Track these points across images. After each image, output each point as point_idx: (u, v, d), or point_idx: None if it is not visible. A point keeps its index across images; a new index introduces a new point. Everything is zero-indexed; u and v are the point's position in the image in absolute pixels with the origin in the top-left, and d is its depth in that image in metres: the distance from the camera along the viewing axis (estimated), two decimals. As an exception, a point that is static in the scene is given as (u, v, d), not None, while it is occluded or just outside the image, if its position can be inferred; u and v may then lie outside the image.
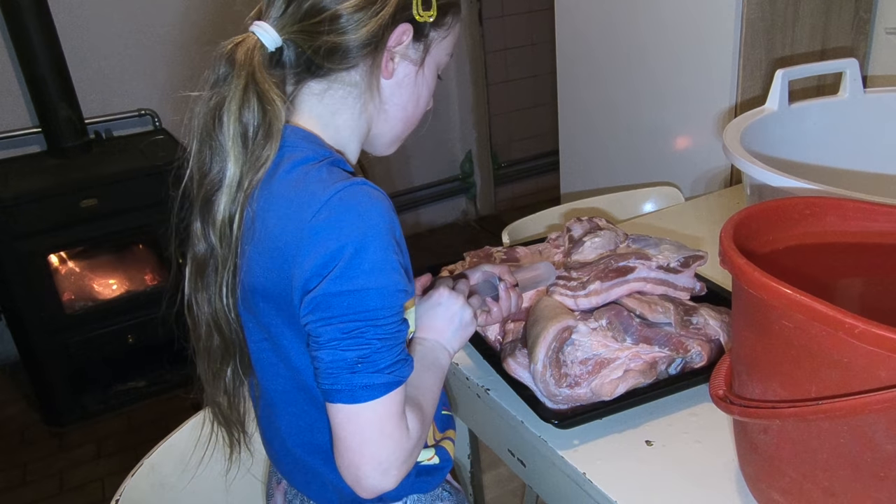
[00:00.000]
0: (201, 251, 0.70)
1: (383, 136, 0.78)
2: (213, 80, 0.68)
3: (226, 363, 0.75)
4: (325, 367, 0.63)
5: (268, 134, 0.67)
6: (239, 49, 0.67)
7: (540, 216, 1.48)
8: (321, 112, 0.72)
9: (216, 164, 0.68)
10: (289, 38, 0.69)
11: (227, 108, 0.66)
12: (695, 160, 1.63)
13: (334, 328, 0.62)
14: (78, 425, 2.30)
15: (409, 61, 0.73)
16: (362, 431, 0.63)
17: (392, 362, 0.64)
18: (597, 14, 1.77)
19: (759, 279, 0.56)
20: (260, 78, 0.66)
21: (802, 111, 1.16)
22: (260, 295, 0.69)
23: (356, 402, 0.63)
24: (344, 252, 0.62)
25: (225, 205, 0.67)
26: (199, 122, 0.69)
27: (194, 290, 0.73)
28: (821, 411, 0.54)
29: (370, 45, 0.69)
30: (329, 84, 0.71)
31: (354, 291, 0.62)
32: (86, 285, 2.34)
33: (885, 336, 0.49)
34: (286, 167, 0.68)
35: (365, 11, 0.67)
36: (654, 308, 0.90)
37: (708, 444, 0.79)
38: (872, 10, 1.64)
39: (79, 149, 2.28)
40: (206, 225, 0.69)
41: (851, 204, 0.71)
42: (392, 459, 0.64)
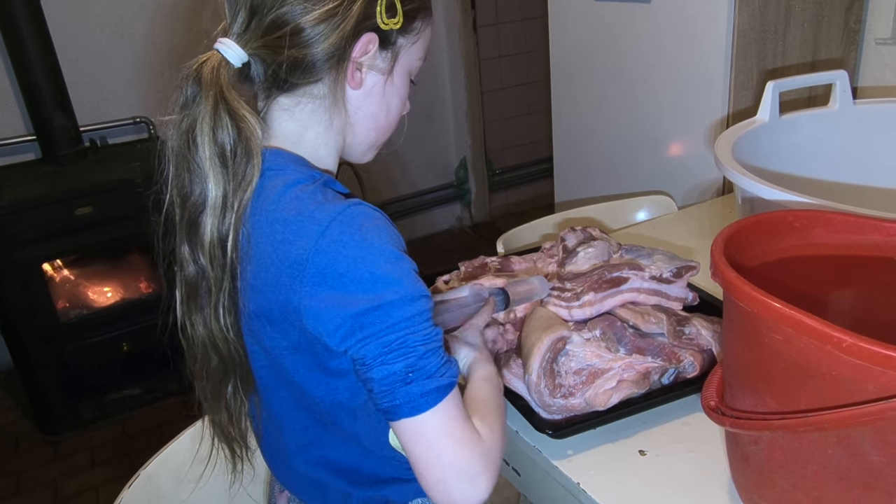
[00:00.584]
0: (191, 273, 0.69)
1: (357, 145, 0.77)
2: (182, 101, 0.68)
3: (226, 382, 0.74)
4: (379, 387, 0.62)
5: (247, 151, 0.66)
6: (204, 68, 0.67)
7: (534, 225, 1.49)
8: (293, 128, 0.72)
9: (196, 187, 0.67)
10: (254, 53, 0.68)
11: (199, 129, 0.65)
12: (688, 169, 1.65)
13: (375, 345, 0.62)
14: (72, 433, 2.29)
15: (376, 71, 0.72)
16: (435, 442, 0.63)
17: (440, 365, 0.64)
18: (590, 23, 1.79)
19: (749, 293, 0.57)
20: (229, 96, 0.66)
21: (793, 122, 1.17)
22: (260, 317, 0.69)
23: (419, 412, 0.62)
24: (356, 273, 0.62)
25: (211, 226, 0.66)
26: (174, 146, 0.68)
27: (187, 313, 0.72)
28: (810, 423, 0.55)
29: (334, 58, 0.68)
30: (298, 98, 0.71)
31: (380, 306, 0.62)
32: (80, 293, 2.34)
33: (872, 350, 0.50)
34: (278, 190, 0.67)
35: (327, 23, 0.66)
36: (647, 318, 0.91)
37: (700, 455, 0.80)
38: (862, 22, 1.66)
39: (73, 156, 2.28)
40: (193, 248, 0.68)
41: (840, 217, 0.72)
42: (474, 465, 0.63)
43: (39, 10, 2.13)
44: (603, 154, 1.89)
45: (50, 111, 2.20)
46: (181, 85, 0.68)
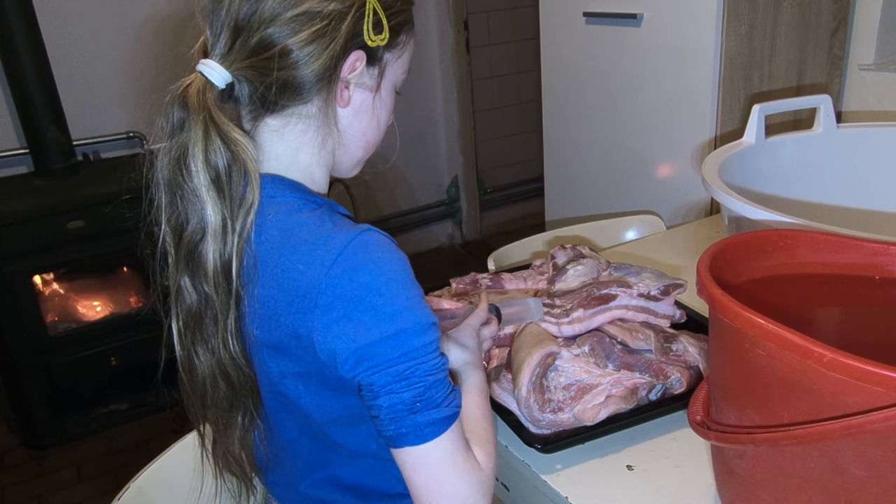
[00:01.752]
0: (193, 303, 0.68)
1: (346, 162, 0.76)
2: (170, 128, 0.66)
3: (236, 410, 0.72)
4: (385, 414, 0.63)
5: (243, 173, 0.65)
6: (190, 91, 0.65)
7: (525, 243, 1.50)
8: (284, 150, 0.71)
9: (193, 215, 0.65)
10: (239, 73, 0.66)
11: (191, 155, 0.64)
12: (676, 190, 1.67)
13: (384, 374, 0.62)
14: (58, 448, 2.27)
15: (364, 87, 0.71)
16: (438, 471, 0.63)
17: (446, 395, 0.64)
18: (581, 45, 1.82)
19: (734, 309, 0.59)
20: (218, 119, 0.64)
21: (778, 145, 1.19)
22: (267, 345, 0.68)
23: (424, 442, 0.62)
24: (370, 301, 0.61)
25: (214, 252, 0.65)
26: (166, 174, 0.66)
27: (192, 344, 0.70)
28: (792, 437, 0.56)
29: (324, 78, 0.67)
30: (286, 119, 0.69)
31: (393, 335, 0.62)
32: (70, 307, 2.33)
33: (851, 365, 0.51)
34: (282, 218, 0.66)
35: (316, 44, 0.65)
36: (635, 335, 0.93)
37: (687, 469, 0.81)
38: (846, 48, 1.70)
39: (66, 170, 2.28)
40: (195, 277, 0.67)
41: (822, 237, 0.73)
42: (474, 494, 0.64)
43: (35, 23, 2.14)
44: (593, 174, 1.92)
45: (43, 125, 2.21)
46: (166, 111, 0.66)
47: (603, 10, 1.72)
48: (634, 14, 1.63)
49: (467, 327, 0.82)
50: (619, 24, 1.69)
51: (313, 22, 0.65)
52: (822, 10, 1.60)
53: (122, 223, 2.21)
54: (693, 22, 1.51)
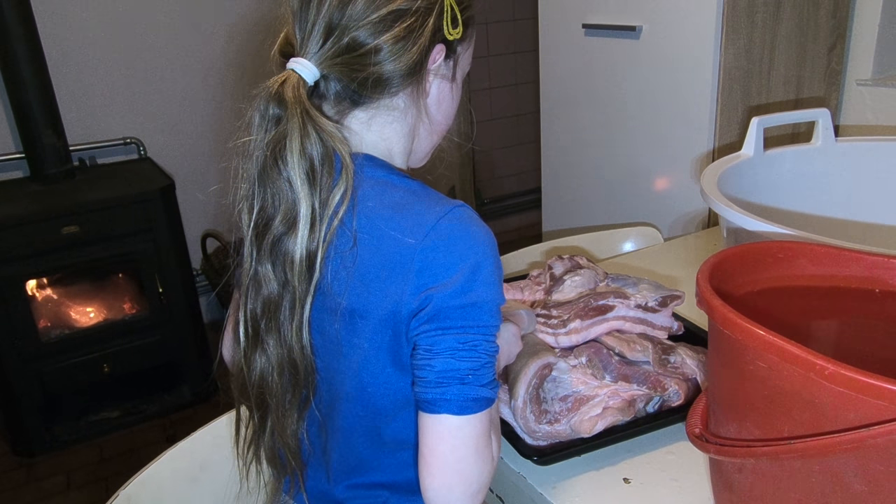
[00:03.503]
0: (273, 293, 0.69)
1: (422, 150, 0.81)
2: (266, 123, 0.68)
3: (295, 400, 0.73)
4: (436, 377, 0.64)
5: (333, 165, 0.68)
6: (286, 87, 0.68)
7: (522, 253, 1.50)
8: (372, 140, 0.74)
9: (282, 205, 0.67)
10: (329, 71, 0.70)
11: (289, 146, 0.66)
12: (674, 202, 1.67)
13: (452, 338, 0.64)
14: (47, 456, 2.25)
15: (442, 78, 0.76)
16: (462, 447, 0.64)
17: (492, 378, 0.66)
18: (580, 56, 1.82)
19: (734, 320, 0.58)
20: (314, 113, 0.68)
21: (777, 158, 1.19)
22: (361, 317, 0.68)
23: (463, 414, 0.64)
24: (460, 269, 0.64)
25: (302, 241, 0.66)
26: (257, 165, 0.68)
27: (264, 333, 0.70)
28: (793, 451, 0.56)
29: (412, 71, 0.71)
30: (373, 112, 0.73)
31: (472, 304, 0.64)
32: (63, 313, 2.32)
33: (854, 378, 0.51)
34: (377, 190, 0.69)
35: (405, 41, 0.69)
36: (632, 346, 0.92)
37: (684, 483, 0.80)
38: (844, 63, 1.70)
39: (62, 175, 2.28)
40: (278, 266, 0.68)
41: (822, 249, 0.73)
42: (481, 482, 0.65)
43: (34, 28, 2.14)
44: (590, 185, 1.91)
45: (40, 130, 2.21)
46: (259, 105, 0.68)
47: (602, 22, 1.73)
48: (634, 26, 1.63)
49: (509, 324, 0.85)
50: (619, 36, 1.69)
51: (403, 19, 0.69)
52: (820, 25, 1.61)
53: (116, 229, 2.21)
54: (692, 35, 1.51)
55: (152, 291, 2.33)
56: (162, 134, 2.64)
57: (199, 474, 0.96)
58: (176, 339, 2.38)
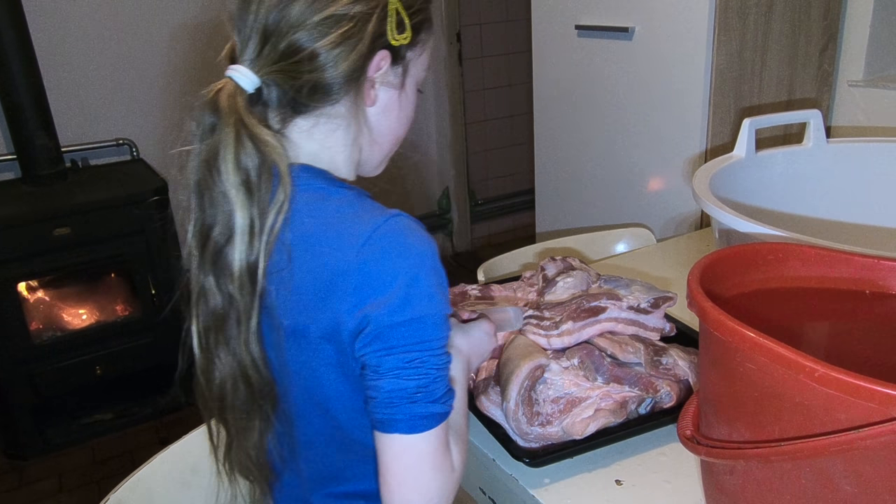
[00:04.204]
0: (218, 305, 0.68)
1: (373, 160, 0.78)
2: (201, 131, 0.67)
3: (254, 414, 0.72)
4: (384, 397, 0.63)
5: (271, 175, 0.66)
6: (221, 96, 0.66)
7: (515, 254, 1.50)
8: (313, 149, 0.72)
9: (221, 216, 0.66)
10: (267, 77, 0.68)
11: (222, 157, 0.65)
12: (666, 203, 1.67)
13: (395, 357, 0.63)
14: (40, 458, 2.24)
15: (389, 86, 0.73)
16: (417, 464, 0.64)
17: (444, 392, 0.65)
18: (573, 58, 1.83)
19: (725, 322, 0.58)
20: (249, 122, 0.66)
21: (769, 159, 1.20)
22: (301, 336, 0.68)
23: (414, 433, 0.63)
24: (397, 283, 0.62)
25: (240, 254, 0.65)
26: (194, 176, 0.67)
27: (213, 345, 0.69)
28: (783, 452, 0.56)
29: (352, 78, 0.69)
30: (315, 119, 0.71)
31: (412, 320, 0.63)
32: (55, 314, 2.31)
33: (843, 379, 0.50)
34: (314, 204, 0.67)
35: (343, 46, 0.67)
36: (624, 348, 0.92)
37: (676, 484, 0.80)
38: (835, 64, 1.71)
39: (54, 177, 2.27)
40: (221, 278, 0.67)
41: (813, 250, 0.73)
42: (441, 494, 0.65)
43: (25, 29, 2.13)
44: (583, 186, 1.92)
45: (32, 131, 2.20)
46: (197, 114, 0.67)
47: (595, 23, 1.73)
48: (626, 28, 1.63)
49: (478, 323, 0.84)
50: (611, 37, 1.69)
51: (340, 24, 0.67)
52: (811, 26, 1.61)
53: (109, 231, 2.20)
54: (684, 36, 1.51)
55: (145, 293, 2.32)
56: (154, 135, 2.63)
57: (191, 477, 0.95)
58: (169, 342, 2.37)
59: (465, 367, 0.77)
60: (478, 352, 0.82)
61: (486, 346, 0.84)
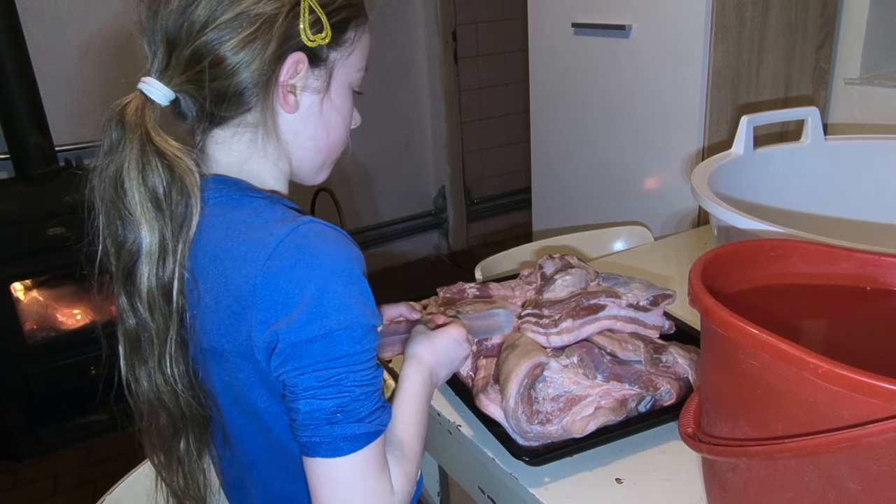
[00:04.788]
0: (132, 326, 0.65)
1: (304, 168, 0.73)
2: (108, 146, 0.63)
3: (177, 439, 0.69)
4: (302, 419, 0.60)
5: (182, 191, 0.62)
6: (127, 110, 0.63)
7: (512, 253, 1.49)
8: (232, 161, 0.68)
9: (129, 234, 0.63)
10: (179, 88, 0.65)
11: (126, 174, 0.61)
12: (664, 201, 1.67)
13: (310, 377, 0.59)
14: (34, 460, 2.22)
15: (311, 91, 0.68)
16: (344, 489, 0.60)
17: (371, 410, 0.61)
18: (570, 56, 1.82)
19: (727, 319, 0.58)
20: (156, 137, 0.62)
21: (767, 156, 1.19)
22: (220, 356, 0.65)
23: (337, 455, 0.59)
24: (304, 296, 0.59)
25: (149, 274, 0.62)
26: (102, 194, 0.64)
27: (130, 368, 0.67)
28: (786, 450, 0.55)
29: (261, 84, 0.65)
30: (233, 130, 0.67)
31: (325, 335, 0.59)
32: (49, 315, 2.29)
33: (847, 376, 0.50)
34: (224, 217, 0.64)
35: (248, 50, 0.63)
36: (624, 346, 0.91)
37: (677, 483, 0.79)
38: (831, 62, 1.71)
39: (47, 176, 2.25)
40: (131, 298, 0.64)
41: (814, 247, 0.73)
42: None
43: (19, 28, 2.12)
44: (580, 184, 1.91)
45: (25, 130, 2.18)
46: (104, 129, 0.63)
47: (592, 21, 1.72)
48: (623, 25, 1.63)
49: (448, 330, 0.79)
50: (608, 35, 1.69)
51: (243, 27, 0.62)
52: (808, 24, 1.61)
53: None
54: (681, 33, 1.51)
55: (140, 293, 2.30)
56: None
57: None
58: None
59: (426, 377, 0.73)
60: (443, 360, 0.77)
61: (453, 353, 0.78)
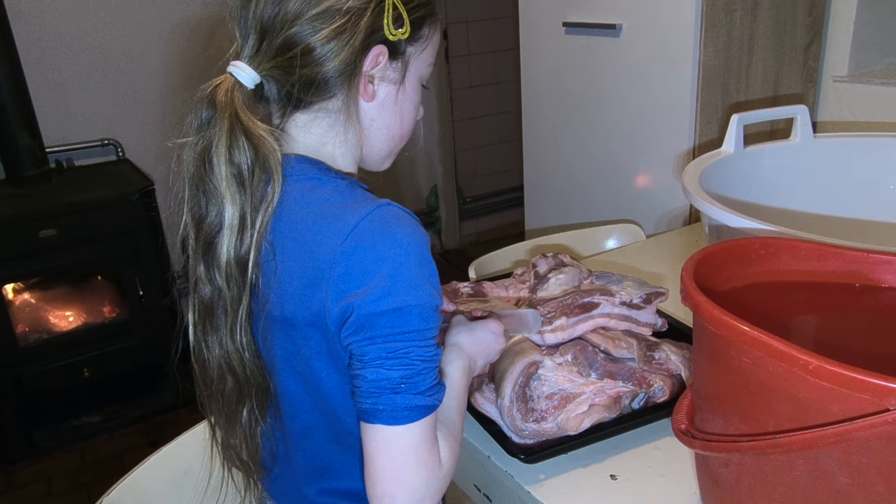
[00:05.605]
0: (207, 294, 0.69)
1: (374, 154, 0.78)
2: (198, 124, 0.68)
3: (241, 404, 0.73)
4: (367, 387, 0.63)
5: (265, 169, 0.67)
6: (219, 91, 0.67)
7: (506, 251, 1.50)
8: (311, 143, 0.73)
9: (213, 208, 0.67)
10: (266, 74, 0.69)
11: (215, 150, 0.66)
12: (656, 199, 1.68)
13: (379, 347, 0.63)
14: (27, 462, 2.22)
15: (388, 81, 0.73)
16: (400, 456, 0.63)
17: (431, 385, 0.64)
18: (561, 55, 1.83)
19: (719, 316, 0.59)
20: (244, 117, 0.67)
21: (757, 154, 1.20)
22: (290, 325, 0.68)
23: (397, 424, 0.62)
24: (381, 272, 0.62)
25: (228, 246, 0.66)
26: (189, 168, 0.68)
27: (203, 335, 0.71)
28: (777, 445, 0.56)
29: (346, 73, 0.69)
30: (314, 115, 0.72)
31: (396, 310, 0.62)
32: (41, 317, 2.29)
33: (837, 372, 0.51)
34: (305, 194, 0.68)
35: (337, 41, 0.67)
36: (617, 343, 0.92)
37: (671, 478, 0.80)
38: (820, 60, 1.72)
39: (38, 178, 2.24)
40: (210, 268, 0.68)
41: (804, 244, 0.74)
42: (425, 489, 0.64)
43: (7, 27, 2.11)
44: (572, 183, 1.92)
45: (15, 131, 2.17)
46: (195, 108, 0.68)
47: (582, 20, 1.73)
48: (614, 24, 1.64)
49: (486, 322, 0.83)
50: (599, 34, 1.70)
51: (334, 19, 0.67)
52: (797, 23, 1.63)
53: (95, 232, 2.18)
54: (671, 32, 1.52)
55: (132, 294, 2.30)
56: (140, 135, 2.61)
57: (183, 479, 0.95)
58: (157, 342, 2.36)
59: (466, 365, 0.76)
60: (482, 351, 0.80)
61: (491, 345, 0.82)
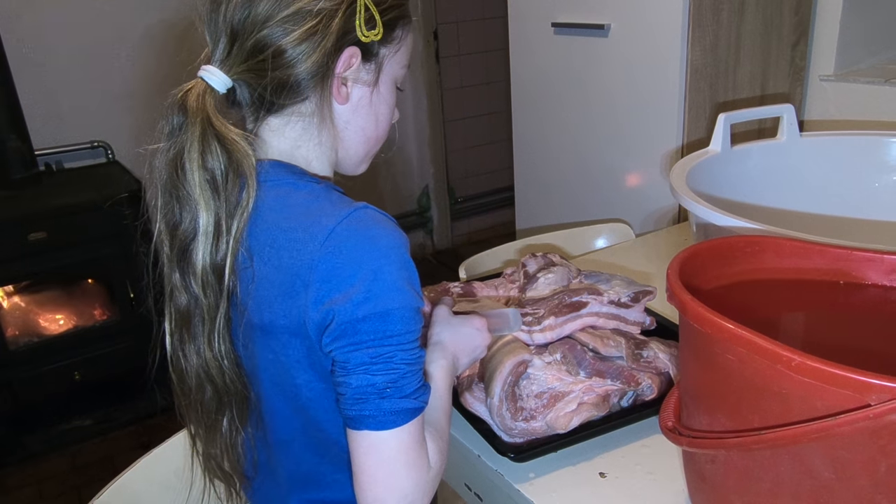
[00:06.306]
0: (183, 303, 0.68)
1: (350, 158, 0.78)
2: (169, 129, 0.67)
3: (221, 414, 0.72)
4: (352, 393, 0.63)
5: (240, 174, 0.66)
6: (189, 96, 0.67)
7: (496, 251, 1.50)
8: (285, 148, 0.72)
9: (186, 214, 0.66)
10: (238, 77, 0.68)
11: (187, 156, 0.65)
12: (644, 198, 1.69)
13: (363, 353, 0.62)
14: (18, 466, 2.20)
15: (362, 83, 0.73)
16: (389, 461, 0.63)
17: (417, 387, 0.64)
18: (550, 55, 1.84)
19: (704, 314, 0.59)
20: (216, 122, 0.66)
21: (744, 153, 1.21)
22: (269, 333, 0.67)
23: (384, 429, 0.62)
24: (361, 276, 0.62)
25: (203, 253, 0.65)
26: (162, 175, 0.67)
27: (179, 343, 0.70)
28: (762, 441, 0.57)
29: (318, 75, 0.69)
30: (287, 118, 0.71)
31: (378, 315, 0.62)
32: (31, 320, 2.28)
33: (819, 368, 0.52)
34: (280, 199, 0.67)
35: (308, 43, 0.67)
36: (606, 342, 0.93)
37: (659, 475, 0.81)
38: (807, 59, 1.74)
39: (28, 180, 2.23)
40: (185, 276, 0.68)
41: (788, 242, 0.74)
42: (416, 492, 0.63)
43: (-5, 31, 2.10)
44: (563, 183, 1.93)
45: (3, 134, 2.16)
46: (166, 114, 0.67)
47: (571, 20, 1.74)
48: (602, 25, 1.65)
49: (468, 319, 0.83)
50: (587, 34, 1.71)
51: (305, 21, 0.67)
52: (783, 22, 1.64)
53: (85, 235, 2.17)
54: (659, 32, 1.53)
55: (123, 297, 2.29)
56: (130, 137, 2.60)
57: (175, 481, 0.95)
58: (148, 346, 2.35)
59: (450, 364, 0.76)
60: (466, 348, 0.80)
61: (475, 342, 0.81)
